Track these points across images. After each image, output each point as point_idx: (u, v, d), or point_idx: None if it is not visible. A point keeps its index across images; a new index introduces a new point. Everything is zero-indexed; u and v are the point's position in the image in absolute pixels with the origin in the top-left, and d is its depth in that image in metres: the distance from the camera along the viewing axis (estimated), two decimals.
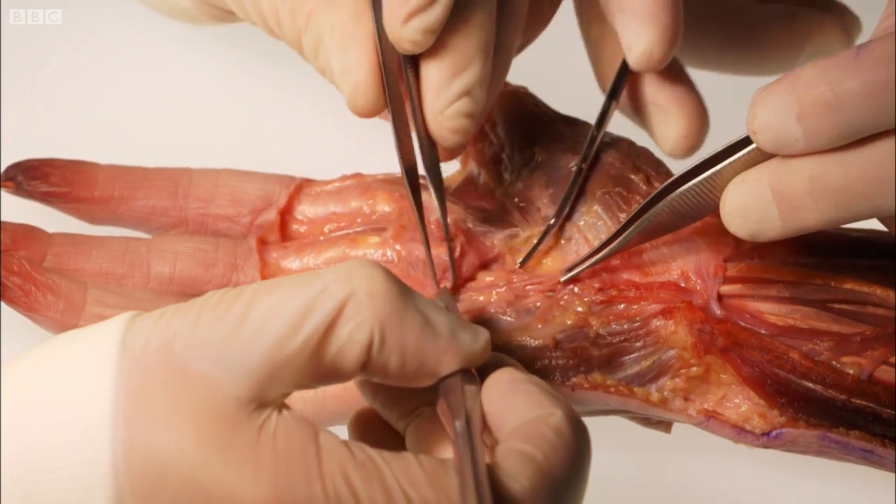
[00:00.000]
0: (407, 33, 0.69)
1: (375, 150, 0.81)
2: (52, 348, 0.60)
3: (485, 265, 0.77)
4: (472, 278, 0.77)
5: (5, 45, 0.99)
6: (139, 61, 1.01)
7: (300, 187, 0.81)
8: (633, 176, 0.77)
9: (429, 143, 0.72)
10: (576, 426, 0.60)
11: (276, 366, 0.58)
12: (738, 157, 0.67)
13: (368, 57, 0.70)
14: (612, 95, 0.78)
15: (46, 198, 0.81)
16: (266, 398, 0.59)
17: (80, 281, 0.76)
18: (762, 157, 0.66)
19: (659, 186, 0.71)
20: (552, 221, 0.77)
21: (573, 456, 0.60)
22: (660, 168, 0.78)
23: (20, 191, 0.81)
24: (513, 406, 0.61)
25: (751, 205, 0.66)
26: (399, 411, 0.64)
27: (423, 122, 0.71)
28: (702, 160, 0.68)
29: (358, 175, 0.81)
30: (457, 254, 0.76)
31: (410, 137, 0.73)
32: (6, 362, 0.61)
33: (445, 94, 0.70)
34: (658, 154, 0.79)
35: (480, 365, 0.63)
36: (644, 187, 0.77)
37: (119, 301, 0.76)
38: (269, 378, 0.58)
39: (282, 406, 0.59)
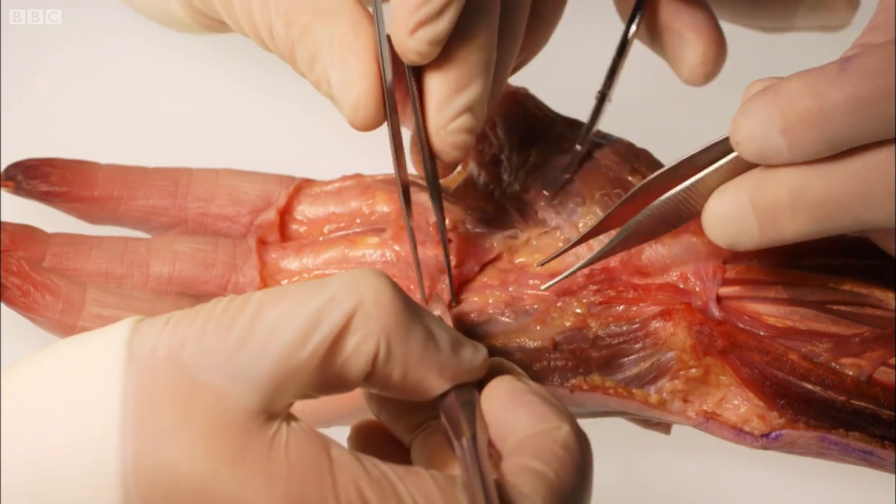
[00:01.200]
0: (413, 43, 0.68)
1: (375, 150, 0.80)
2: (56, 355, 0.59)
3: (483, 267, 0.77)
4: (471, 281, 0.77)
5: (5, 45, 0.99)
6: (139, 61, 1.01)
7: (300, 187, 0.81)
8: (630, 178, 0.77)
9: (430, 156, 0.72)
10: (581, 439, 0.61)
11: (285, 376, 0.58)
12: (721, 165, 0.67)
13: (370, 70, 0.69)
14: (631, 22, 0.78)
15: (46, 197, 0.81)
16: (274, 409, 0.58)
17: (79, 281, 0.76)
18: (745, 164, 0.66)
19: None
20: (578, 148, 0.78)
21: (581, 471, 0.60)
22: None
23: (20, 190, 0.81)
24: (516, 419, 0.61)
25: (731, 215, 0.66)
26: (405, 425, 0.64)
27: (425, 134, 0.71)
28: (682, 159, 0.68)
29: (357, 175, 0.81)
30: (454, 262, 0.76)
31: (404, 153, 0.73)
32: (9, 367, 0.60)
33: (448, 109, 0.70)
34: (658, 152, 0.79)
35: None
36: None
37: (118, 301, 0.76)
38: (278, 388, 0.58)
39: (289, 417, 0.59)
